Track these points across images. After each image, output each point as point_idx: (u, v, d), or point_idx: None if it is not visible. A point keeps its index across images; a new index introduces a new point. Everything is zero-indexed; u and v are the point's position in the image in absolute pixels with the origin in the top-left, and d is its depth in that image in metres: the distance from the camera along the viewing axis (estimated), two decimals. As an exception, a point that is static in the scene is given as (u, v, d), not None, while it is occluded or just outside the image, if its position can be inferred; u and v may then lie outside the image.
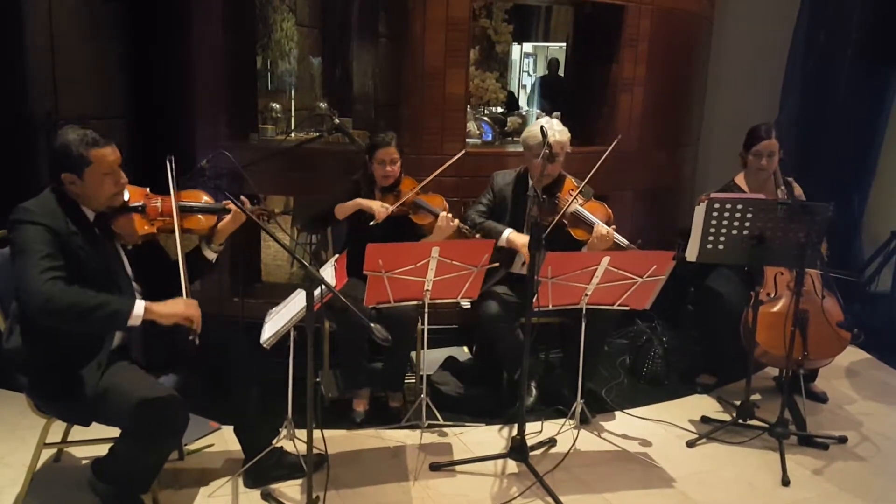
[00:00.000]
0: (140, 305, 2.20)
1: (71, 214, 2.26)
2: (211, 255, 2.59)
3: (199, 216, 2.54)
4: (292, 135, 4.46)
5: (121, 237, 2.42)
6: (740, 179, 3.59)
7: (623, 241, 3.13)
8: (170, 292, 2.35)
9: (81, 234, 2.26)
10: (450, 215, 3.25)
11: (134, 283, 2.44)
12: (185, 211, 2.50)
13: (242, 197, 2.54)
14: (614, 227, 3.19)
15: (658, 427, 3.35)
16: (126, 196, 2.40)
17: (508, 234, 3.32)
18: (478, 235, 3.27)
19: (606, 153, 3.27)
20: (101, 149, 2.25)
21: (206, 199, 2.61)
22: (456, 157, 3.42)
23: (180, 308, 2.26)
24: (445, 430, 3.22)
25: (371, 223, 3.20)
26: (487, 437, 3.20)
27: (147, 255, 2.51)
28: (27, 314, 2.19)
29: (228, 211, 2.55)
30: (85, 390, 2.26)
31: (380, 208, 3.21)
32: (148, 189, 2.50)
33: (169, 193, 2.46)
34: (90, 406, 2.29)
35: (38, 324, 2.20)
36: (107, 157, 2.27)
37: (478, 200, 3.54)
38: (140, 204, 2.42)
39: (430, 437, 3.16)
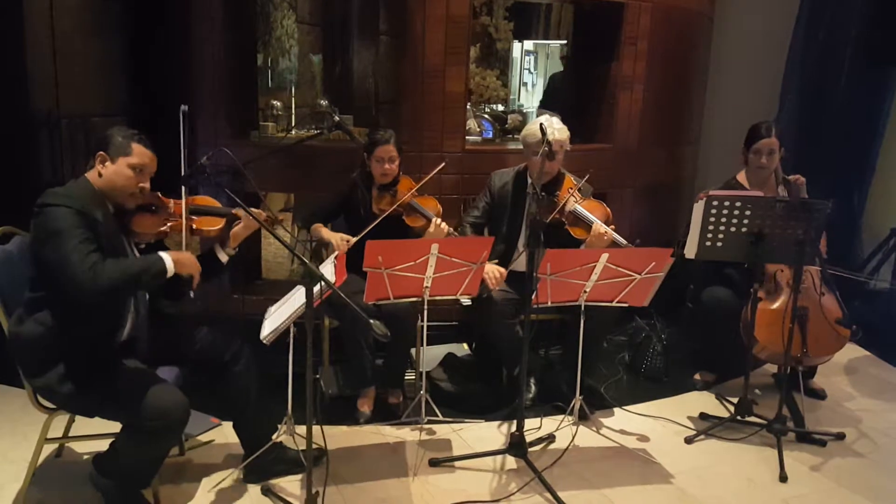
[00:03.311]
0: (167, 258, 2.28)
1: (97, 203, 2.30)
2: (224, 258, 2.66)
3: (210, 218, 2.60)
4: (293, 132, 4.46)
5: (135, 234, 2.46)
6: (742, 177, 3.60)
7: (621, 240, 3.13)
8: (173, 290, 2.39)
9: (104, 224, 2.29)
10: (440, 222, 3.23)
11: None
12: (195, 213, 2.58)
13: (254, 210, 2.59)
14: (613, 226, 3.20)
15: (657, 423, 3.37)
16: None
17: None
18: None
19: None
20: (143, 147, 2.36)
21: (216, 203, 2.70)
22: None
23: (193, 259, 2.38)
24: (445, 426, 3.24)
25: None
26: (487, 434, 3.21)
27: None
28: (62, 298, 2.20)
29: (236, 216, 2.62)
30: (93, 380, 2.28)
31: (339, 241, 3.22)
32: (159, 193, 2.55)
33: (180, 195, 2.54)
34: (96, 398, 2.31)
35: (70, 309, 2.22)
36: (144, 155, 2.36)
37: (473, 205, 3.55)
38: (155, 204, 2.50)
39: (429, 434, 3.18)
